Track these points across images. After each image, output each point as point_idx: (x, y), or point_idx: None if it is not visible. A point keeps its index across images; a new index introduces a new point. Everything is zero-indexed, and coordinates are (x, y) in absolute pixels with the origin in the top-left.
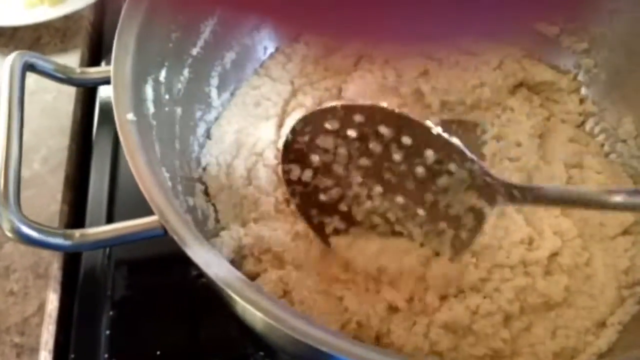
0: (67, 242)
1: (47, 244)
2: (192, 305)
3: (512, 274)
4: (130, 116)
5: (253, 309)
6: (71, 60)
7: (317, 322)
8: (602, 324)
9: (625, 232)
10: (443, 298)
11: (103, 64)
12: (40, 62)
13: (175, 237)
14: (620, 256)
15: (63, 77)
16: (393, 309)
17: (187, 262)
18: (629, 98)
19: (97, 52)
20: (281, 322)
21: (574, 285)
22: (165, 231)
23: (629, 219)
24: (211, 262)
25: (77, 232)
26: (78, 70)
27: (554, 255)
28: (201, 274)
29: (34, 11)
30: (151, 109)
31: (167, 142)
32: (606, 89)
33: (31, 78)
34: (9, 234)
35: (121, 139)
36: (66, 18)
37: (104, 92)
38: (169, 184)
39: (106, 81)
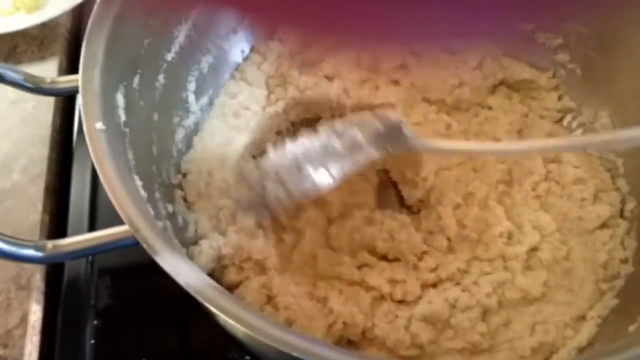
0: (39, 254)
1: (18, 257)
2: (177, 312)
3: (490, 268)
4: (99, 125)
5: (224, 317)
6: (49, 68)
7: (303, 326)
8: (581, 318)
9: (604, 226)
10: (423, 286)
11: None
12: (9, 73)
13: (145, 246)
14: (599, 250)
15: (33, 87)
16: (377, 301)
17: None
18: (605, 92)
19: (75, 60)
20: (253, 329)
21: (552, 280)
22: (137, 241)
23: (606, 212)
24: (181, 270)
25: (50, 244)
26: (48, 79)
27: (533, 250)
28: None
29: (10, 19)
30: (122, 117)
31: (142, 148)
32: (582, 84)
33: (11, 88)
34: None
35: (89, 148)
36: (43, 26)
37: None
38: (142, 192)
39: (74, 91)
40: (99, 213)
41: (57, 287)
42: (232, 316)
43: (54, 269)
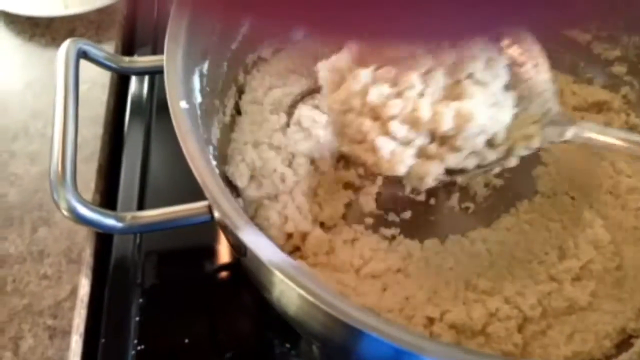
0: (120, 224)
1: (100, 225)
2: (219, 297)
3: (537, 279)
4: (183, 104)
5: (304, 293)
6: None
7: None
8: (623, 331)
9: None
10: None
11: (136, 55)
12: (93, 50)
13: (227, 221)
14: None
15: (112, 66)
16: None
17: (212, 255)
18: None
19: (130, 45)
20: (329, 305)
21: (601, 290)
22: (212, 217)
23: None
24: (262, 245)
25: (129, 215)
26: (126, 59)
27: (586, 263)
28: (221, 268)
29: (70, 3)
30: (199, 98)
31: (206, 130)
32: (639, 97)
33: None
34: (65, 213)
35: (175, 126)
36: (100, 11)
37: (136, 85)
38: (217, 170)
39: (152, 71)
40: (148, 194)
41: (105, 264)
42: (311, 293)
43: (103, 246)
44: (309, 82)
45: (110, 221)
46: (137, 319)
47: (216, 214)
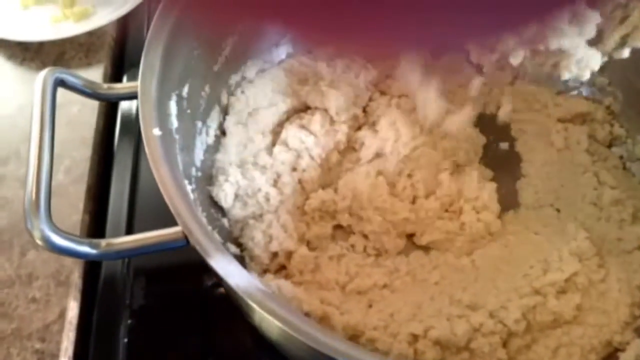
0: (94, 251)
1: (74, 253)
2: (209, 315)
3: (521, 293)
4: (156, 131)
5: (273, 319)
6: (95, 74)
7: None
8: (609, 344)
9: None
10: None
11: (125, 77)
12: (70, 78)
13: (198, 248)
14: (636, 271)
15: (90, 92)
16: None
17: (203, 272)
18: None
19: (119, 67)
20: (300, 332)
21: (587, 303)
22: (188, 241)
23: None
24: (233, 272)
25: (104, 242)
26: (105, 86)
27: (571, 275)
28: (217, 284)
29: (59, 27)
30: (174, 123)
31: (187, 154)
32: (622, 107)
33: (58, 91)
34: (39, 242)
35: (147, 153)
36: (90, 34)
37: (126, 105)
38: (192, 195)
39: (130, 96)
40: (137, 215)
41: (94, 286)
42: (279, 319)
43: (92, 268)
44: (294, 102)
45: (84, 248)
46: (126, 340)
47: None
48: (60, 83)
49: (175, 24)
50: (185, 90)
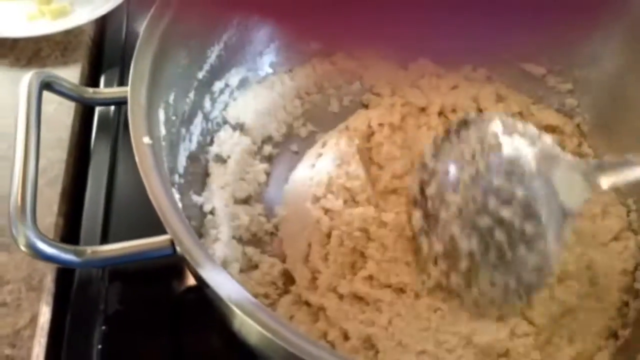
0: (79, 259)
1: (59, 260)
2: (185, 321)
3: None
4: (146, 139)
5: (264, 331)
6: (71, 73)
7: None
8: (609, 328)
9: (616, 239)
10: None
11: (103, 78)
12: (56, 81)
13: (188, 257)
14: (616, 258)
15: (76, 97)
16: None
17: (181, 278)
18: (614, 139)
19: (97, 67)
20: (291, 344)
21: (583, 289)
22: (174, 251)
23: (616, 227)
24: (222, 283)
25: (89, 249)
26: (91, 90)
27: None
28: (194, 289)
29: (36, 24)
30: (162, 131)
31: (171, 161)
32: (590, 129)
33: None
34: (23, 249)
35: (137, 162)
36: (67, 32)
37: (103, 107)
38: (180, 204)
39: (117, 102)
40: (113, 219)
41: (67, 291)
42: (271, 330)
43: (65, 272)
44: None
45: (69, 256)
46: (100, 347)
47: (178, 249)
48: (46, 86)
49: (165, 31)
50: (171, 98)
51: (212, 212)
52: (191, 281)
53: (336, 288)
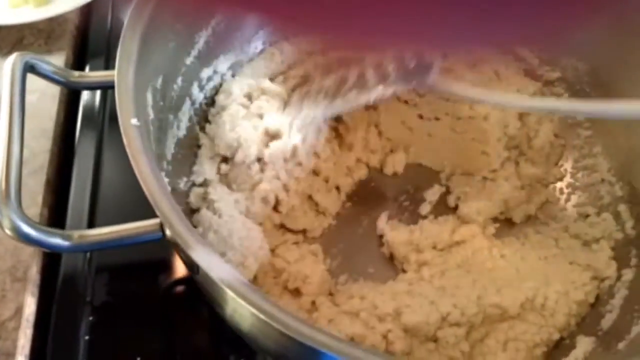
0: (66, 243)
1: (46, 244)
2: (172, 312)
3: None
4: (134, 121)
5: (255, 311)
6: (56, 61)
7: None
8: (551, 342)
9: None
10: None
11: (88, 67)
12: (40, 64)
13: (179, 240)
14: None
15: (62, 80)
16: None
17: (168, 269)
18: (598, 127)
19: (81, 55)
20: (283, 324)
21: (527, 303)
22: (163, 234)
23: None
24: (214, 265)
25: (76, 233)
26: (76, 74)
27: None
28: (180, 281)
29: (18, 11)
30: (151, 114)
31: (159, 146)
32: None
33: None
34: (8, 232)
35: (125, 143)
36: (51, 20)
37: (88, 95)
38: (168, 187)
39: (103, 86)
40: (99, 209)
41: (53, 282)
42: (263, 311)
43: (50, 263)
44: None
45: (56, 240)
46: (87, 337)
47: (167, 232)
48: (30, 69)
49: (152, 15)
50: (159, 82)
51: (203, 184)
52: (179, 273)
53: None
